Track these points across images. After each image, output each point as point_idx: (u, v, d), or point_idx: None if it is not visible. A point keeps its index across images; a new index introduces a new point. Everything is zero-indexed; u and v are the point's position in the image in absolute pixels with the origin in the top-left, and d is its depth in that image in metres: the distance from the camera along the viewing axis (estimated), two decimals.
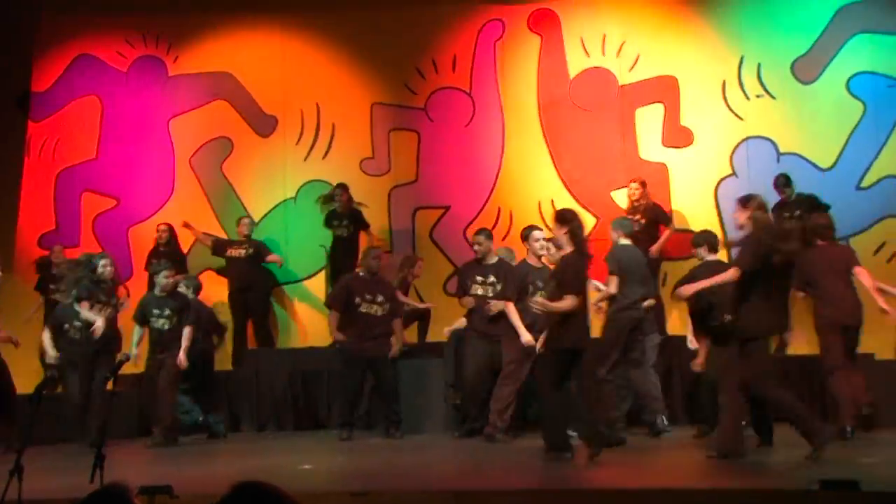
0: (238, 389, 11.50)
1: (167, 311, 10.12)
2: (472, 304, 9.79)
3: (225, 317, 12.16)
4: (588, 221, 11.79)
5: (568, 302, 7.79)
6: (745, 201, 7.78)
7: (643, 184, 11.48)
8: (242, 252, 12.28)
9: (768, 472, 7.22)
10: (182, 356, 9.95)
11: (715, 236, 9.54)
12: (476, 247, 9.88)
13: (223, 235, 12.69)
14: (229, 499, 2.43)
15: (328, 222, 12.31)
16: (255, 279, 12.35)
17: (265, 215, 12.94)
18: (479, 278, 9.77)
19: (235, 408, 11.45)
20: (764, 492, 6.16)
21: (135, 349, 10.03)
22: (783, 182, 11.08)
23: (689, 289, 7.74)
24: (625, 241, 9.52)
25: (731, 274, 7.45)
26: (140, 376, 10.50)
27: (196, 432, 10.58)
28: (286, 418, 11.33)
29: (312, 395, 11.38)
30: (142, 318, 10.14)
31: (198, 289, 10.95)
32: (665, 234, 11.41)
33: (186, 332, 10.09)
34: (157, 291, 10.26)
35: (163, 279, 10.22)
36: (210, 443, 10.36)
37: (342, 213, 12.25)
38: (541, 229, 9.89)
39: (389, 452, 8.99)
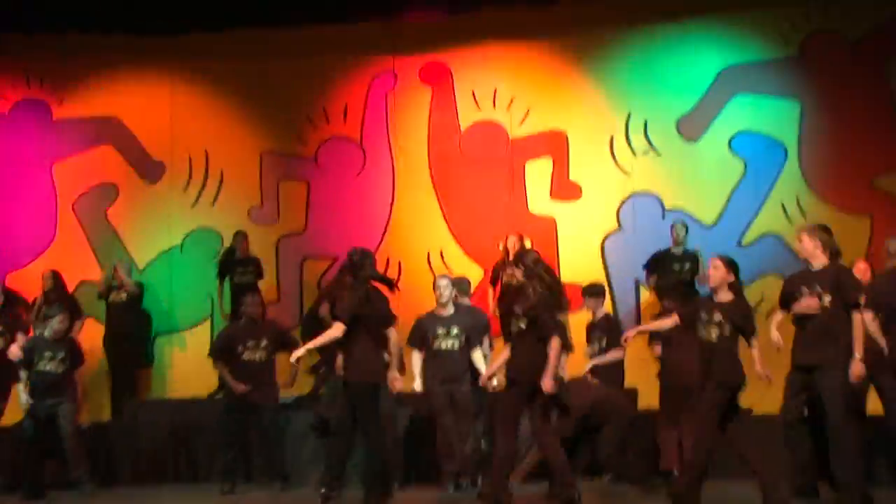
0: (116, 441, 11.20)
1: (61, 355, 9.85)
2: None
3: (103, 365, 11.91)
4: (475, 274, 11.91)
5: (334, 329, 7.85)
6: (520, 258, 7.91)
7: (521, 237, 11.56)
8: (123, 296, 12.00)
9: None
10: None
11: (602, 287, 9.84)
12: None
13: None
14: None
15: (227, 269, 12.07)
16: (134, 326, 12.08)
17: (150, 263, 12.71)
18: None
19: (114, 460, 11.12)
20: None
21: (24, 395, 9.70)
22: (680, 228, 11.30)
23: (549, 385, 7.61)
24: (464, 301, 9.65)
25: (556, 345, 7.54)
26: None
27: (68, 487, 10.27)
28: (167, 471, 11.05)
29: (194, 448, 11.11)
30: (29, 361, 9.81)
31: None
32: None
33: (78, 375, 10.02)
34: (47, 334, 9.98)
35: (57, 324, 9.97)
36: (82, 498, 10.00)
37: (245, 260, 12.09)
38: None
39: None
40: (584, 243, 12.11)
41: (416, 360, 9.34)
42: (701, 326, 7.41)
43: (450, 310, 9.30)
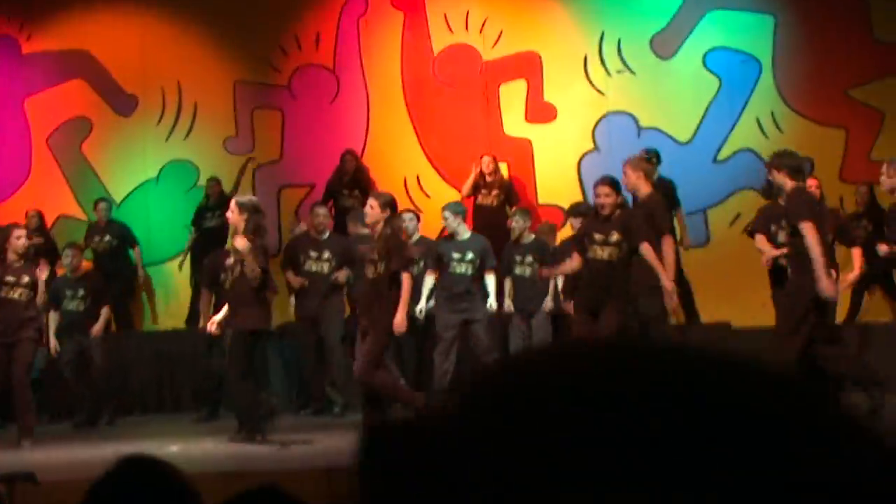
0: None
1: (81, 292, 9.95)
2: (302, 283, 10.00)
3: None
4: (454, 197, 11.92)
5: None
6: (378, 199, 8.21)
7: (495, 159, 11.62)
8: (105, 244, 11.90)
9: None
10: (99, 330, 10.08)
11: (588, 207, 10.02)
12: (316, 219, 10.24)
13: (82, 217, 12.36)
14: (113, 474, 2.31)
15: (199, 217, 11.96)
16: (119, 266, 12.01)
17: (126, 196, 12.67)
18: (312, 254, 9.81)
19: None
20: None
21: (52, 339, 9.77)
22: (651, 158, 11.25)
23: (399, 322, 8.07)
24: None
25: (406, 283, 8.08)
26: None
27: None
28: (151, 402, 11.16)
29: (176, 378, 11.22)
30: (56, 301, 9.85)
31: None
32: (511, 212, 11.27)
33: (105, 311, 10.17)
34: (68, 273, 10.04)
35: (69, 259, 10.06)
36: (75, 429, 10.12)
37: (214, 205, 11.99)
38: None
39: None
40: (560, 164, 12.12)
41: (428, 282, 9.66)
42: (596, 247, 7.65)
43: (464, 235, 9.77)
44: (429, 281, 9.69)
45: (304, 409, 10.16)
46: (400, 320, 8.00)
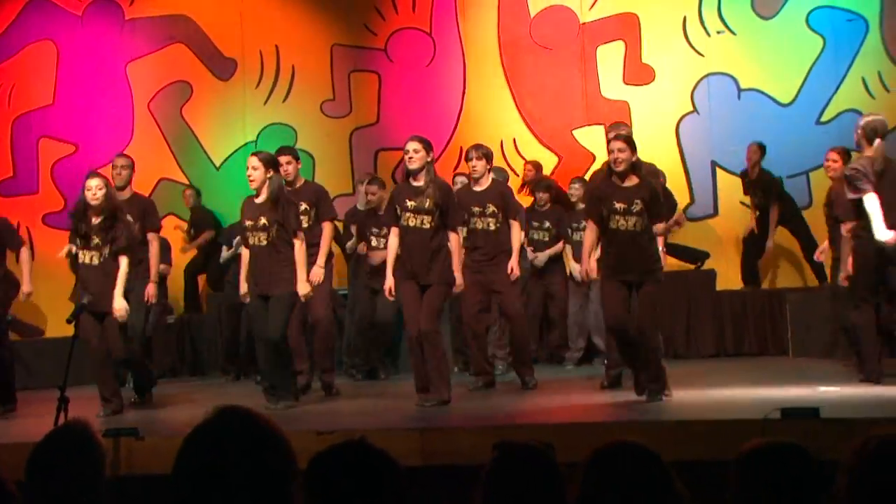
0: (199, 334, 11.49)
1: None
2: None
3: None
4: (550, 160, 11.89)
5: None
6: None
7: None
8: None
9: (725, 403, 7.31)
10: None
11: None
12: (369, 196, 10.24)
13: (183, 179, 12.61)
14: (210, 422, 2.35)
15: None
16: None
17: (226, 159, 12.84)
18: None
19: (199, 352, 11.42)
20: (723, 422, 6.21)
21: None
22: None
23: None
24: None
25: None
26: None
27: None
28: (249, 363, 11.34)
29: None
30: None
31: None
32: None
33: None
34: None
35: None
36: (173, 388, 10.32)
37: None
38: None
39: (355, 394, 9.01)
40: (658, 127, 11.95)
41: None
42: (617, 217, 7.25)
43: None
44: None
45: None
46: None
